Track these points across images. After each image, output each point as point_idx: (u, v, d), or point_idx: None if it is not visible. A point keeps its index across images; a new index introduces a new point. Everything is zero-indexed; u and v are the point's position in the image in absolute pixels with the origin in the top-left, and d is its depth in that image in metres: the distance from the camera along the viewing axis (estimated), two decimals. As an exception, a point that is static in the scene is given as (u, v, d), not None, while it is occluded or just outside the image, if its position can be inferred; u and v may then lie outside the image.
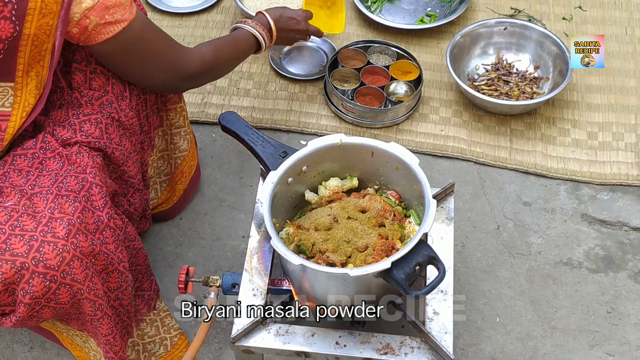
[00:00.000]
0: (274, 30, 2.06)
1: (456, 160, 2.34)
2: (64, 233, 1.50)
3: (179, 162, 2.08)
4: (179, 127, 2.03)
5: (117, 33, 1.61)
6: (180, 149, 2.06)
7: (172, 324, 1.93)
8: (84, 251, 1.53)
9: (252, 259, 1.73)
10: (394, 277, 1.46)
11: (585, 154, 2.34)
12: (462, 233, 2.17)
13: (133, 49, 1.67)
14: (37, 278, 1.47)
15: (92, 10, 1.55)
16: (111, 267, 1.61)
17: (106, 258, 1.59)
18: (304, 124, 2.42)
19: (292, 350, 1.61)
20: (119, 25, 1.60)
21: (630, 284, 2.09)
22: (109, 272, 1.62)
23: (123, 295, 1.68)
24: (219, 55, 1.90)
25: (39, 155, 1.64)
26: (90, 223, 1.56)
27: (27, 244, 1.47)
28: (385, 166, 1.69)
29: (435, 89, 2.50)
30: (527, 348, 1.98)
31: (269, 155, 1.72)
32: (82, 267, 1.52)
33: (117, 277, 1.64)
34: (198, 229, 2.19)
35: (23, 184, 1.59)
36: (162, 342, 1.90)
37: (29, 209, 1.53)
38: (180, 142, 2.05)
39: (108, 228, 1.59)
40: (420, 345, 1.61)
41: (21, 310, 1.50)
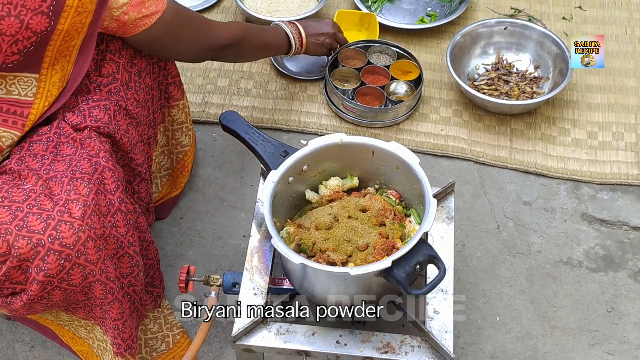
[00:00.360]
0: (304, 35, 2.16)
1: (456, 159, 2.35)
2: (80, 214, 1.53)
3: (180, 157, 2.11)
4: (181, 124, 2.05)
5: (152, 24, 1.71)
6: (182, 144, 2.09)
7: (175, 322, 1.94)
8: (97, 233, 1.55)
9: (252, 258, 1.73)
10: (395, 276, 1.46)
11: (585, 154, 2.35)
12: (462, 232, 2.17)
13: (167, 34, 1.77)
14: (52, 255, 1.49)
15: (130, 6, 1.65)
16: (121, 250, 1.64)
17: (116, 241, 1.62)
18: (304, 123, 2.43)
19: (293, 349, 1.61)
20: (154, 16, 1.70)
21: (630, 283, 2.09)
22: (120, 257, 1.64)
23: (136, 281, 1.70)
24: (247, 34, 1.99)
25: (54, 139, 1.67)
26: (102, 205, 1.59)
27: (44, 222, 1.50)
28: (386, 165, 1.69)
29: (436, 89, 2.51)
30: (527, 347, 1.99)
31: (269, 154, 1.73)
32: (95, 249, 1.55)
33: (128, 262, 1.66)
34: (199, 228, 2.20)
35: (38, 168, 1.62)
36: (164, 339, 1.90)
37: (46, 190, 1.56)
38: (182, 138, 2.08)
39: (119, 212, 1.62)
40: (421, 344, 1.61)
41: (33, 288, 1.51)
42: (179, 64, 2.62)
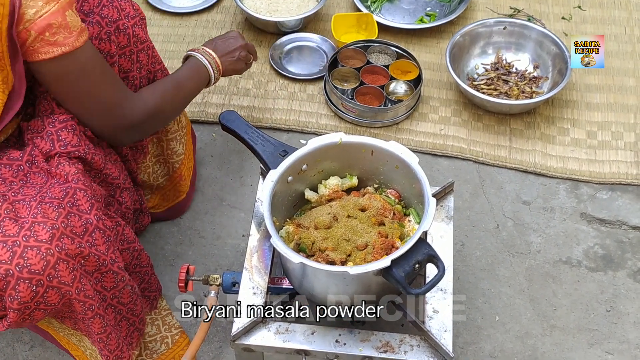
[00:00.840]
0: (218, 58, 1.96)
1: (456, 159, 2.35)
2: (47, 237, 1.48)
3: (177, 167, 2.08)
4: (175, 132, 2.02)
5: (55, 56, 1.53)
6: (177, 153, 2.05)
7: (173, 323, 1.94)
8: (70, 253, 1.50)
9: (252, 257, 1.73)
10: (394, 276, 1.46)
11: (584, 153, 2.35)
12: (461, 232, 2.17)
13: (71, 80, 1.60)
14: (23, 284, 1.45)
15: (33, 23, 1.49)
16: (104, 268, 1.59)
17: (97, 260, 1.57)
18: (303, 123, 2.43)
19: (292, 348, 1.62)
20: (58, 48, 1.53)
21: (629, 282, 2.09)
22: (103, 273, 1.61)
23: (121, 294, 1.67)
24: (165, 96, 1.81)
25: (24, 168, 1.62)
26: (77, 226, 1.53)
27: (10, 250, 1.45)
28: (385, 165, 1.69)
29: (435, 89, 2.51)
30: (526, 347, 1.99)
31: (269, 154, 1.73)
32: (69, 269, 1.51)
33: (113, 278, 1.63)
34: (198, 227, 2.20)
35: (6, 191, 1.57)
36: (163, 340, 1.90)
37: (11, 213, 1.51)
38: (177, 147, 2.05)
39: (97, 230, 1.57)
40: (420, 343, 1.61)
41: (11, 315, 1.49)
42: (175, 60, 2.63)
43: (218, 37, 2.04)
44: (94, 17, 1.69)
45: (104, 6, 1.71)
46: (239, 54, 2.03)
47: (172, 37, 2.66)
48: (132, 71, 1.80)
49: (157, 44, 2.63)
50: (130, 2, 1.78)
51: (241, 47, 2.04)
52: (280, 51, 2.59)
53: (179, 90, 1.85)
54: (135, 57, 1.78)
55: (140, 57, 1.80)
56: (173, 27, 2.69)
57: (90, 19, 1.69)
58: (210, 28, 2.68)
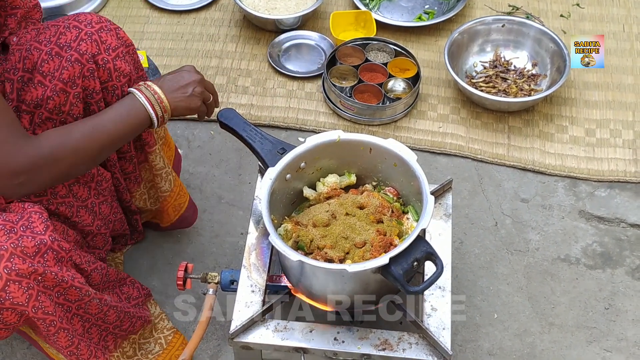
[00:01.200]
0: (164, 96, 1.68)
1: (454, 157, 2.35)
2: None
3: (161, 201, 2.01)
4: (160, 169, 1.93)
5: None
6: (161, 189, 1.97)
7: (165, 326, 1.93)
8: (22, 272, 1.46)
9: (250, 255, 1.73)
10: (392, 273, 1.46)
11: (583, 151, 2.35)
12: (460, 229, 2.17)
13: None
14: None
15: None
16: (65, 284, 1.55)
17: (55, 277, 1.52)
18: (302, 121, 2.43)
19: (291, 346, 1.61)
20: None
21: (627, 280, 2.09)
22: (66, 288, 1.56)
23: (88, 306, 1.62)
24: (67, 147, 1.54)
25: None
26: (29, 247, 1.48)
27: None
28: (384, 162, 1.69)
29: (433, 86, 2.51)
30: (524, 344, 1.99)
31: (267, 151, 1.72)
32: (22, 290, 1.47)
33: (76, 292, 1.58)
34: (196, 225, 2.20)
35: None
36: (157, 342, 1.89)
37: None
38: (161, 184, 1.96)
39: (51, 250, 1.52)
40: (419, 341, 1.61)
41: None
42: (173, 58, 2.62)
43: (169, 72, 1.77)
44: (70, 52, 1.61)
45: (81, 40, 1.62)
46: (193, 89, 1.73)
47: (171, 35, 2.66)
48: None
49: (155, 42, 2.63)
50: (113, 32, 1.68)
51: (195, 82, 1.74)
52: (278, 49, 2.59)
53: (94, 135, 1.58)
54: (119, 91, 1.69)
55: (124, 90, 1.70)
56: (171, 25, 2.69)
57: (67, 55, 1.61)
58: (209, 26, 2.68)
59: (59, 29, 1.64)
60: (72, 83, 1.62)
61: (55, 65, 1.61)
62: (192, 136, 2.40)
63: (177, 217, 2.07)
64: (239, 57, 2.59)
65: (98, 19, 1.67)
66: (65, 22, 1.65)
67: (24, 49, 1.62)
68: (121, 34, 1.69)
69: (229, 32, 2.66)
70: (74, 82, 1.62)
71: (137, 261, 2.12)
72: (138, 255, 2.12)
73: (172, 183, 1.98)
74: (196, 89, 1.73)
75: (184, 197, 2.06)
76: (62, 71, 1.61)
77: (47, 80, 1.61)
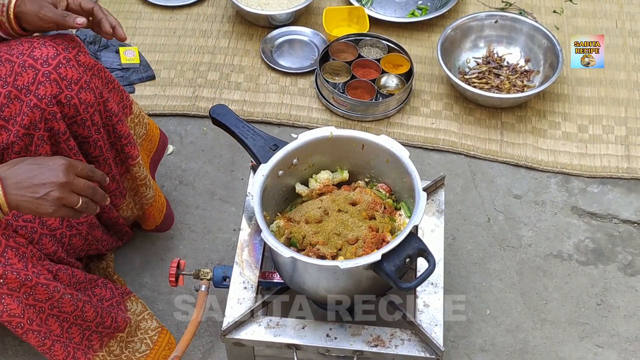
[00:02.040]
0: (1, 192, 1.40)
1: (447, 153, 2.35)
2: None
3: (145, 208, 1.99)
4: (144, 179, 1.90)
5: None
6: (146, 197, 1.95)
7: (148, 326, 1.91)
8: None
9: (242, 252, 1.73)
10: (384, 270, 1.46)
11: (575, 147, 2.35)
12: (452, 226, 2.17)
13: None
14: None
15: None
16: (29, 282, 1.52)
17: (17, 277, 1.50)
18: (295, 117, 2.42)
19: (283, 342, 1.61)
20: None
21: (619, 276, 2.10)
22: (31, 287, 1.53)
23: (60, 304, 1.60)
24: None
25: None
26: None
27: None
28: (376, 159, 1.69)
29: (426, 82, 2.50)
30: (517, 340, 1.99)
31: (259, 148, 1.72)
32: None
33: (44, 290, 1.56)
34: (189, 222, 2.19)
35: None
36: (143, 341, 1.88)
37: None
38: (146, 192, 1.93)
39: (9, 248, 1.50)
40: (411, 337, 1.61)
41: None
42: (166, 54, 2.61)
43: (32, 160, 1.45)
44: (29, 97, 1.57)
45: (39, 83, 1.56)
46: (48, 192, 1.41)
47: (163, 31, 2.65)
48: (91, 136, 1.70)
49: (148, 38, 2.62)
50: (73, 62, 1.61)
51: (54, 185, 1.41)
52: (271, 45, 2.58)
53: None
54: (89, 122, 1.67)
55: (94, 119, 1.68)
56: (164, 21, 2.68)
57: (27, 100, 1.57)
58: (201, 21, 2.67)
59: (14, 67, 1.57)
60: (35, 127, 1.59)
61: (15, 109, 1.57)
62: (184, 132, 2.39)
63: (162, 219, 2.05)
64: (232, 53, 2.58)
65: (55, 53, 1.59)
66: (20, 58, 1.57)
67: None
68: (81, 59, 1.63)
69: (221, 28, 2.65)
70: (35, 127, 1.59)
71: (128, 258, 2.11)
72: (129, 252, 2.12)
73: (153, 188, 1.96)
74: (52, 192, 1.41)
75: (162, 196, 2.04)
76: (23, 117, 1.57)
77: (9, 124, 1.59)
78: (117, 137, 1.78)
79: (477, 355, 1.96)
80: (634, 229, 2.19)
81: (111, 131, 1.76)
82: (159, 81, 2.50)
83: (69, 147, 1.67)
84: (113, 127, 1.75)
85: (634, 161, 2.31)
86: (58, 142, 1.65)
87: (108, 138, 1.76)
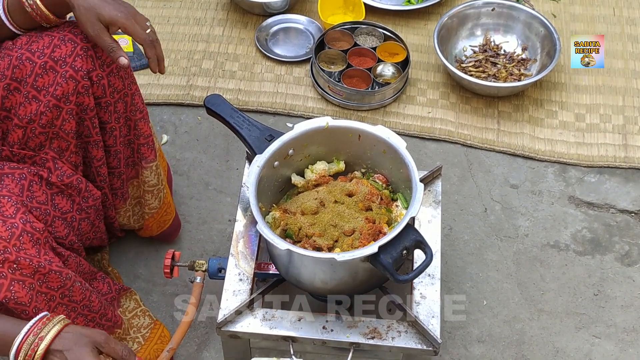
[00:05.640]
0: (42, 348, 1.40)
1: (444, 142, 2.33)
2: None
3: (146, 217, 1.97)
4: (153, 186, 1.89)
5: None
6: (150, 206, 1.94)
7: (141, 324, 1.88)
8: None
9: (238, 243, 1.72)
10: (381, 262, 1.45)
11: (572, 136, 2.34)
12: (449, 216, 2.16)
13: None
14: None
15: None
16: (43, 269, 1.52)
17: (30, 263, 1.49)
18: (290, 106, 2.40)
19: (279, 335, 1.60)
20: None
21: (617, 266, 2.09)
22: (45, 274, 1.53)
23: (71, 292, 1.60)
24: None
25: None
26: (2, 231, 1.47)
27: None
28: (373, 149, 1.68)
29: (423, 71, 2.48)
30: (514, 331, 1.98)
31: (254, 138, 1.70)
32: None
33: (57, 277, 1.55)
34: (184, 212, 2.18)
35: None
36: (135, 340, 1.86)
37: None
38: (151, 200, 1.92)
39: (25, 233, 1.50)
40: (408, 329, 1.60)
41: None
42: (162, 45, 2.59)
43: None
44: (66, 69, 1.59)
45: (77, 55, 1.60)
46: None
47: (157, 19, 2.62)
48: (109, 122, 1.71)
49: (141, 26, 2.59)
50: None
51: None
52: (266, 33, 2.56)
53: None
54: (112, 107, 1.69)
55: (118, 107, 1.70)
56: (157, 9, 2.65)
57: (62, 71, 1.59)
58: (195, 9, 2.65)
59: (53, 40, 1.60)
60: (66, 99, 1.61)
61: (49, 80, 1.59)
62: (178, 122, 2.37)
63: (159, 233, 2.04)
64: (226, 41, 2.56)
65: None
66: (61, 33, 1.61)
67: (14, 56, 1.58)
68: None
69: (215, 16, 2.62)
70: (67, 99, 1.61)
71: (123, 249, 2.09)
72: (124, 243, 2.10)
73: (162, 200, 1.95)
74: None
75: (170, 214, 2.02)
76: (56, 87, 1.59)
77: (41, 95, 1.60)
78: (136, 135, 1.79)
79: (473, 346, 1.95)
80: (631, 219, 2.18)
81: (132, 127, 1.77)
82: (153, 70, 2.48)
83: (92, 124, 1.68)
84: (135, 124, 1.77)
85: (632, 150, 2.30)
86: (83, 118, 1.66)
87: (127, 134, 1.77)
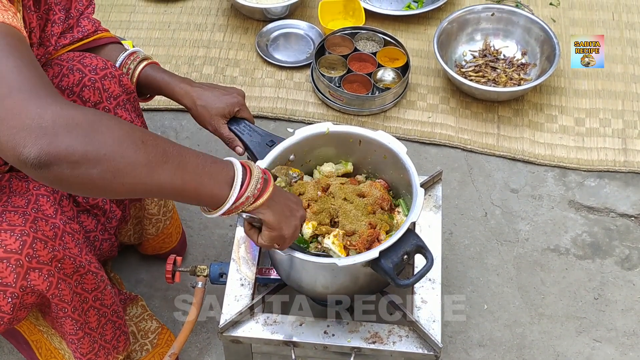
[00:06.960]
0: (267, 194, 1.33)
1: (444, 147, 2.34)
2: (17, 246, 1.42)
3: (144, 240, 1.99)
4: (152, 215, 1.91)
5: None
6: (147, 232, 1.96)
7: (148, 327, 1.90)
8: (43, 259, 1.45)
9: (239, 248, 1.72)
10: (382, 267, 1.45)
11: (572, 140, 2.34)
12: (449, 220, 2.17)
13: None
14: None
15: None
16: (82, 269, 1.55)
17: (73, 262, 1.52)
18: (291, 111, 2.41)
19: (280, 340, 1.61)
20: None
21: (617, 270, 2.10)
22: (82, 275, 1.56)
23: (103, 295, 1.63)
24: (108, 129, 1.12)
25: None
26: (47, 230, 1.48)
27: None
28: (373, 155, 1.68)
29: (423, 76, 2.49)
30: (514, 335, 1.99)
31: (255, 144, 1.71)
32: (42, 277, 1.46)
33: (92, 278, 1.58)
34: (185, 217, 2.18)
35: None
36: (143, 348, 1.87)
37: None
38: (148, 227, 1.94)
39: (66, 233, 1.52)
40: (409, 333, 1.60)
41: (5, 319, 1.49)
42: (160, 47, 2.59)
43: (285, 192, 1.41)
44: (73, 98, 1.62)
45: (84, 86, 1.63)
46: (298, 218, 1.41)
47: (157, 24, 2.63)
48: None
49: (142, 32, 2.61)
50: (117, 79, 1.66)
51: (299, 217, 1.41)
52: (266, 38, 2.57)
53: (166, 156, 1.20)
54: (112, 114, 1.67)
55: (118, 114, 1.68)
56: (158, 14, 2.66)
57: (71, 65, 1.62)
58: (196, 15, 2.66)
59: (62, 69, 1.62)
60: None
61: None
62: (180, 127, 2.38)
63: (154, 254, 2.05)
64: (227, 47, 2.57)
65: (103, 65, 1.65)
66: (69, 62, 1.62)
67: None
68: (124, 81, 1.67)
69: (216, 21, 2.63)
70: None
71: (125, 254, 2.10)
72: (126, 249, 2.10)
73: (160, 230, 1.96)
74: (300, 213, 1.41)
75: (169, 244, 2.02)
76: None
77: None
78: None
79: (474, 350, 1.96)
80: (631, 223, 2.18)
81: None
82: (154, 75, 2.48)
83: None
84: None
85: (631, 154, 2.31)
86: None
87: None
